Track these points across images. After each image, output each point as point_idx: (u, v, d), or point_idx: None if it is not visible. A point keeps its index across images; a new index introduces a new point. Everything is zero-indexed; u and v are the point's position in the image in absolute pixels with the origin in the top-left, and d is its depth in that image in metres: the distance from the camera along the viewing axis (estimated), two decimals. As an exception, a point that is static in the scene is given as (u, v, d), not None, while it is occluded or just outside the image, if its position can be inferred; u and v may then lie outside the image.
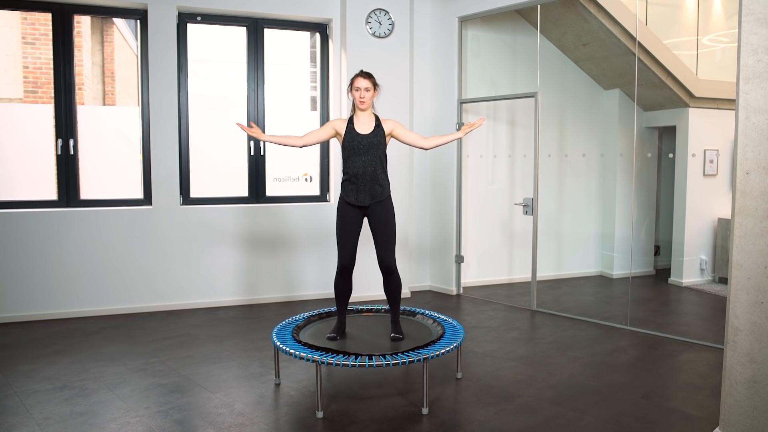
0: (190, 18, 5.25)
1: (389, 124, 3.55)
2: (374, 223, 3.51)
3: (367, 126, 3.50)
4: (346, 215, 3.51)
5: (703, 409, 3.13)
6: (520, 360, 3.93)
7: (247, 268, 5.41)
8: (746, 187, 2.37)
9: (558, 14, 5.76)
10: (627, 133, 6.33)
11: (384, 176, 3.52)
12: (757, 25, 2.32)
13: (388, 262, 3.50)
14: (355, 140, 3.46)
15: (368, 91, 3.48)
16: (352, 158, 3.46)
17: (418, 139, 3.59)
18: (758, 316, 2.36)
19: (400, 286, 3.60)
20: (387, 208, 3.51)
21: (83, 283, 4.95)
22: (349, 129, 3.48)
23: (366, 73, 3.51)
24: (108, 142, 5.18)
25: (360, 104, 3.48)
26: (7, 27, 6.82)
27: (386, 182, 3.53)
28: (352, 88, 3.50)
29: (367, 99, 3.47)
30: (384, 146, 3.52)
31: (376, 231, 3.51)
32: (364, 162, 3.45)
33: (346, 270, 3.54)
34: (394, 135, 3.57)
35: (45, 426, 2.92)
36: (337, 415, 3.07)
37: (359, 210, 3.51)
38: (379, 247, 3.51)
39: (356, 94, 3.48)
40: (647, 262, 6.54)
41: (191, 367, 3.77)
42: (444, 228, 5.91)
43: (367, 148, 3.45)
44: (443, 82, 5.85)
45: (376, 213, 3.49)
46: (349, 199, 3.49)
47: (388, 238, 3.50)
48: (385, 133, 3.51)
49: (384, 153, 3.53)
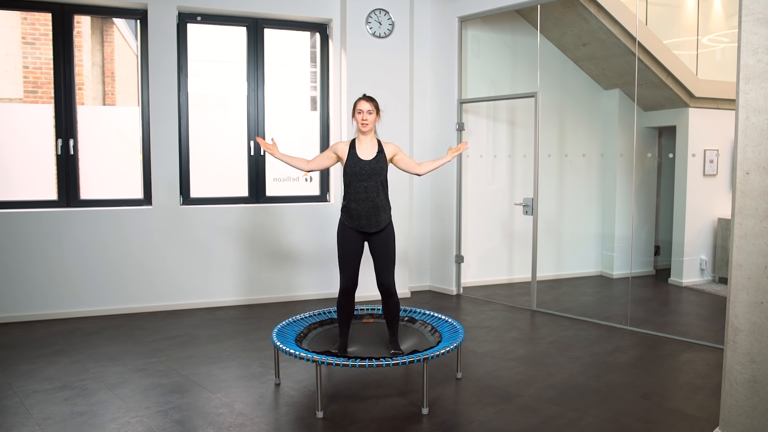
0: (190, 18, 5.25)
1: (390, 148, 3.56)
2: (375, 249, 3.53)
3: (369, 151, 3.50)
4: (347, 240, 3.52)
5: (703, 409, 3.13)
6: (520, 360, 3.93)
7: (247, 268, 5.41)
8: (746, 187, 2.38)
9: (558, 14, 5.76)
10: (627, 133, 6.33)
11: (386, 202, 3.53)
12: (757, 25, 2.32)
13: (387, 285, 3.52)
14: (357, 166, 3.46)
15: (371, 114, 3.48)
16: (354, 184, 3.47)
17: (413, 166, 3.63)
18: (758, 316, 2.36)
19: (399, 307, 3.65)
20: (388, 233, 3.53)
21: (83, 283, 4.95)
22: (351, 154, 3.49)
23: (368, 97, 3.53)
24: (108, 142, 5.18)
25: (362, 127, 3.49)
26: (7, 27, 6.82)
27: (388, 207, 3.55)
28: (354, 111, 3.51)
29: (369, 122, 3.48)
30: (386, 172, 3.53)
31: (377, 255, 3.53)
32: (367, 188, 3.45)
33: (349, 291, 3.56)
34: (394, 161, 3.59)
35: (45, 426, 2.92)
36: (337, 415, 3.07)
37: (360, 235, 3.52)
38: (378, 271, 3.53)
39: (359, 117, 3.49)
40: (647, 262, 6.54)
41: (191, 367, 3.77)
42: (444, 228, 5.91)
43: (369, 174, 3.46)
44: (443, 82, 5.85)
45: (377, 239, 3.52)
46: (350, 225, 3.50)
47: (388, 262, 3.52)
48: (387, 158, 3.54)
49: (386, 178, 3.55)
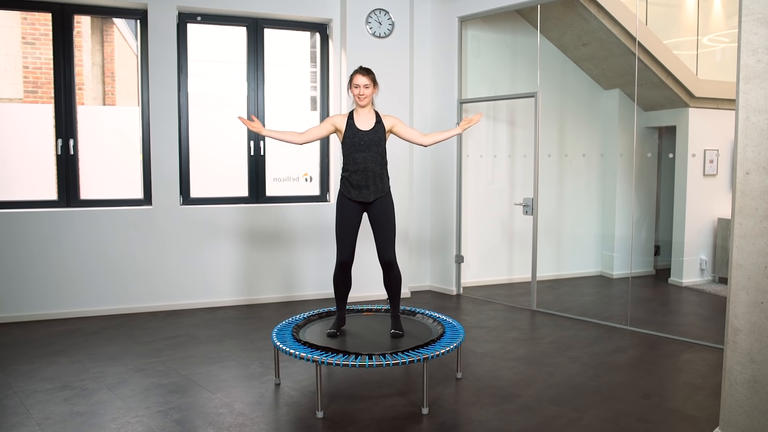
0: (190, 18, 5.25)
1: (389, 120, 3.56)
2: (374, 219, 3.51)
3: (367, 122, 3.51)
4: (346, 210, 3.51)
5: (703, 409, 3.13)
6: (520, 360, 3.93)
7: (247, 268, 5.41)
8: (746, 187, 2.37)
9: (558, 14, 5.76)
10: (627, 133, 6.33)
11: (384, 172, 3.53)
12: (757, 25, 2.32)
13: (388, 257, 3.50)
14: (356, 136, 3.47)
15: (367, 88, 3.48)
16: (352, 154, 3.47)
17: (417, 136, 3.60)
18: (758, 316, 2.36)
19: (401, 280, 3.61)
20: (387, 203, 3.52)
21: (83, 283, 4.95)
22: (350, 125, 3.49)
23: (365, 70, 3.50)
24: (108, 142, 5.18)
25: (359, 100, 3.48)
26: (7, 27, 6.81)
27: (386, 178, 3.55)
28: (351, 85, 3.51)
29: (366, 95, 3.48)
30: (384, 142, 3.53)
31: (376, 226, 3.51)
32: (365, 158, 3.46)
33: (346, 265, 3.54)
34: (394, 131, 3.58)
35: (45, 426, 2.92)
36: (337, 415, 3.07)
37: (359, 205, 3.52)
38: (379, 242, 3.51)
39: (355, 91, 3.48)
40: (647, 262, 6.54)
41: (191, 367, 3.77)
42: (444, 228, 5.91)
43: (368, 144, 3.46)
44: (443, 82, 5.85)
45: (376, 208, 3.50)
46: (349, 195, 3.49)
47: (388, 232, 3.50)
48: (385, 129, 3.53)
49: (384, 149, 3.54)
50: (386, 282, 3.60)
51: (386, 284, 3.61)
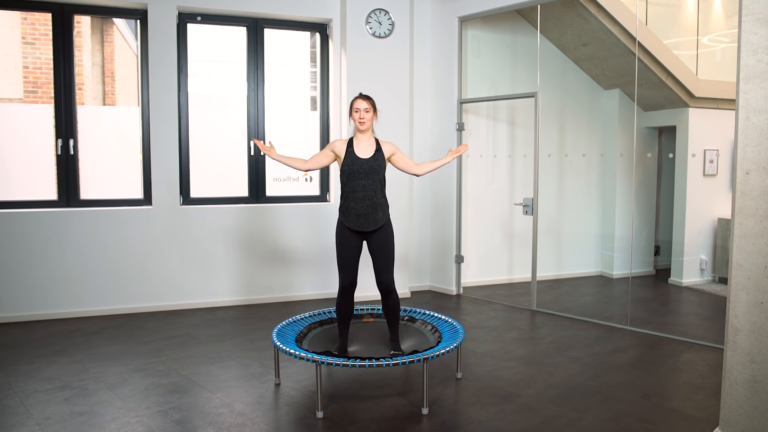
0: (190, 18, 5.25)
1: (388, 147, 3.56)
2: (373, 248, 3.53)
3: (367, 150, 3.50)
4: (346, 240, 3.52)
5: (703, 409, 3.13)
6: (520, 360, 3.93)
7: (246, 268, 5.41)
8: (746, 187, 2.37)
9: (558, 14, 5.76)
10: (627, 133, 6.33)
11: (384, 200, 3.53)
12: (757, 25, 2.32)
13: (386, 282, 3.52)
14: (355, 164, 3.46)
15: (368, 113, 3.49)
16: (351, 182, 3.47)
17: (412, 166, 3.62)
18: (758, 316, 2.36)
19: (399, 305, 3.64)
20: (386, 231, 3.53)
21: (83, 283, 4.95)
22: (349, 153, 3.49)
23: (365, 96, 3.54)
24: (108, 142, 5.18)
25: (360, 125, 3.49)
26: (7, 27, 6.81)
27: (386, 206, 3.55)
28: (351, 110, 3.52)
29: (366, 120, 3.48)
30: (384, 170, 3.53)
31: (376, 254, 3.53)
32: (365, 186, 3.45)
33: (348, 291, 3.56)
34: (392, 160, 3.59)
35: (45, 426, 2.92)
36: (337, 415, 3.07)
37: (359, 234, 3.52)
38: (377, 269, 3.52)
39: (356, 116, 3.49)
40: (647, 262, 6.54)
41: (191, 367, 3.77)
42: (444, 228, 5.90)
43: (367, 173, 3.46)
44: (443, 82, 5.85)
45: (375, 238, 3.51)
46: (348, 224, 3.49)
47: (387, 260, 3.52)
48: (385, 157, 3.53)
49: (383, 177, 3.55)
50: (385, 308, 3.62)
51: (385, 309, 3.62)
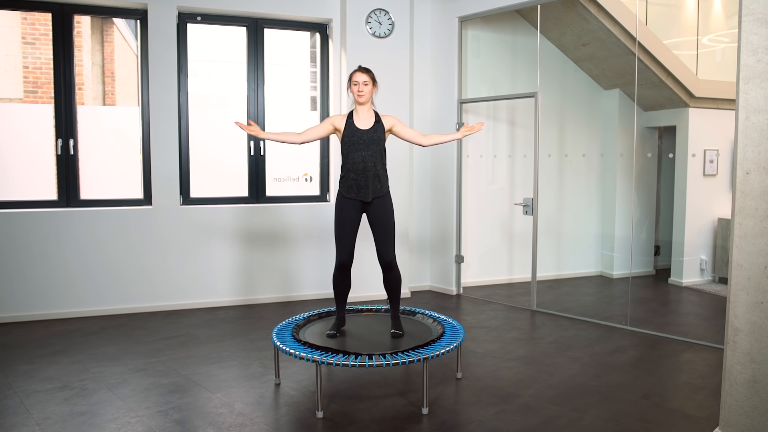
0: (190, 18, 5.25)
1: (389, 119, 3.57)
2: (373, 219, 3.51)
3: (366, 121, 3.51)
4: (345, 210, 3.50)
5: (703, 409, 3.13)
6: (520, 360, 3.93)
7: (247, 268, 5.41)
8: (746, 187, 2.37)
9: (558, 14, 5.76)
10: (627, 133, 6.33)
11: (384, 171, 3.53)
12: (757, 25, 2.32)
13: (388, 257, 3.50)
14: (355, 135, 3.47)
15: (366, 85, 3.49)
16: (351, 153, 3.47)
17: (416, 137, 3.60)
18: (758, 316, 2.36)
19: (400, 281, 3.61)
20: (386, 203, 3.52)
21: (83, 283, 4.95)
22: (349, 124, 3.49)
23: (364, 68, 3.53)
24: (108, 142, 5.18)
25: (359, 98, 3.49)
26: (7, 27, 6.81)
27: (386, 177, 3.55)
28: (350, 83, 3.52)
29: (365, 93, 3.48)
30: (384, 141, 3.53)
31: (376, 226, 3.51)
32: (364, 157, 3.45)
33: (345, 267, 3.54)
34: (394, 131, 3.58)
35: (45, 426, 2.92)
36: (337, 415, 3.07)
37: (358, 205, 3.51)
38: (378, 243, 3.51)
39: (354, 89, 3.50)
40: (647, 262, 6.54)
41: (191, 367, 3.77)
42: (444, 228, 5.90)
43: (367, 144, 3.46)
44: (443, 82, 5.85)
45: (375, 208, 3.50)
46: (348, 195, 3.49)
47: (387, 233, 3.50)
48: (384, 128, 3.53)
49: (384, 148, 3.54)
50: (386, 282, 3.60)
51: (386, 285, 3.61)
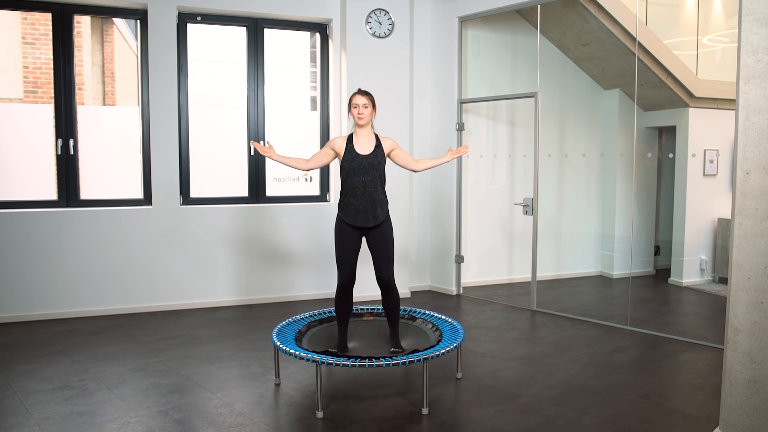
0: (190, 18, 5.25)
1: (388, 142, 3.57)
2: (373, 243, 3.52)
3: (366, 146, 3.51)
4: (345, 236, 3.51)
5: (703, 409, 3.13)
6: (520, 360, 3.93)
7: (246, 268, 5.41)
8: (746, 187, 2.37)
9: (558, 14, 5.76)
10: (627, 133, 6.33)
11: (383, 196, 3.53)
12: (757, 25, 2.32)
13: (387, 279, 3.51)
14: (355, 160, 3.46)
15: (366, 108, 3.49)
16: (351, 178, 3.47)
17: (410, 162, 3.63)
18: (758, 316, 2.36)
19: (399, 302, 3.63)
20: (386, 228, 3.52)
21: (83, 283, 4.95)
22: (349, 149, 3.49)
23: (364, 91, 3.55)
24: (108, 142, 5.18)
25: (358, 120, 3.49)
26: (7, 27, 6.82)
27: (386, 202, 3.55)
28: (350, 106, 3.53)
29: (365, 115, 3.49)
30: (383, 166, 3.53)
31: (375, 250, 3.52)
32: (364, 182, 3.45)
33: (347, 288, 3.55)
34: (391, 156, 3.60)
35: (45, 426, 2.92)
36: (337, 415, 3.07)
37: (358, 230, 3.51)
38: (377, 266, 3.52)
39: (354, 111, 3.50)
40: (647, 262, 6.54)
41: (191, 367, 3.77)
42: (444, 228, 5.90)
43: (366, 169, 3.46)
44: (443, 82, 5.85)
45: (375, 234, 3.51)
46: (348, 220, 3.49)
47: (386, 257, 3.51)
48: (384, 153, 3.54)
49: (383, 173, 3.55)
50: (385, 303, 3.60)
51: (385, 305, 3.61)
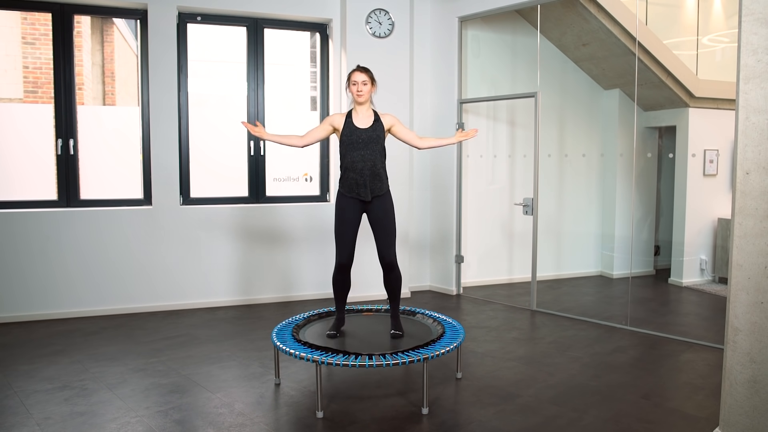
0: (190, 18, 5.25)
1: (388, 118, 3.56)
2: (374, 218, 3.50)
3: (365, 120, 3.50)
4: (345, 210, 3.49)
5: (703, 409, 3.13)
6: (520, 360, 3.93)
7: (246, 268, 5.41)
8: (746, 187, 2.37)
9: (558, 14, 5.76)
10: (627, 133, 6.33)
11: (383, 170, 3.52)
12: (757, 25, 2.32)
13: (389, 257, 3.49)
14: (354, 134, 3.46)
15: (365, 85, 3.48)
16: (350, 152, 3.46)
17: (413, 138, 3.60)
18: (758, 316, 2.36)
19: (401, 281, 3.60)
20: (386, 202, 3.51)
21: (83, 283, 4.95)
22: (348, 123, 3.49)
23: (363, 68, 3.52)
24: (108, 142, 5.18)
25: (357, 97, 3.48)
26: (7, 27, 6.82)
27: (385, 176, 3.53)
28: (349, 83, 3.52)
29: (364, 92, 3.48)
30: (383, 140, 3.52)
31: (376, 225, 3.50)
32: (363, 156, 3.44)
33: (344, 267, 3.53)
34: (392, 131, 3.58)
35: (45, 426, 2.92)
36: (337, 415, 3.07)
37: (358, 205, 3.50)
38: (379, 242, 3.50)
39: (353, 88, 3.49)
40: (647, 262, 6.54)
41: (191, 367, 3.77)
42: (444, 228, 5.90)
43: (366, 143, 3.45)
44: (443, 82, 5.85)
45: (375, 207, 3.49)
46: (348, 193, 3.48)
47: (388, 232, 3.49)
48: (384, 127, 3.53)
49: (383, 147, 3.53)
50: (386, 282, 3.59)
51: (386, 284, 3.60)
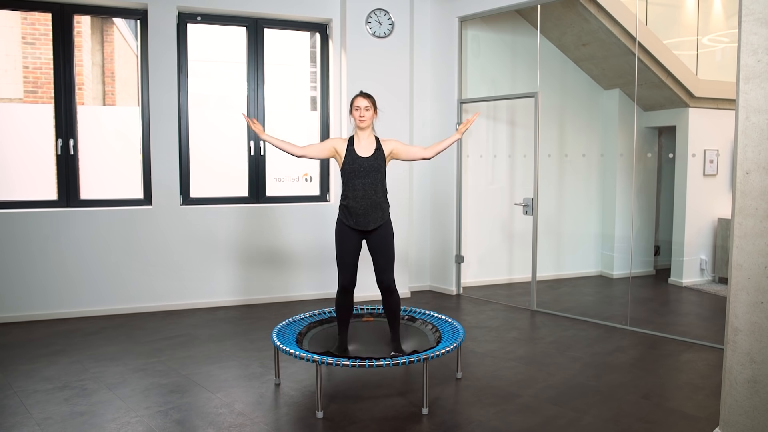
0: (190, 18, 5.25)
1: (389, 144, 3.54)
2: (373, 245, 3.51)
3: (367, 148, 3.49)
4: (345, 238, 3.50)
5: (703, 409, 3.13)
6: (520, 360, 3.93)
7: (246, 268, 5.41)
8: (746, 187, 2.37)
9: (558, 14, 5.76)
10: (627, 133, 6.33)
11: (384, 199, 3.52)
12: (757, 25, 2.32)
13: (387, 282, 3.51)
14: (356, 163, 3.45)
15: (368, 110, 3.48)
16: (351, 181, 3.45)
17: (419, 152, 3.58)
18: (758, 316, 2.36)
19: (400, 305, 3.62)
20: (386, 231, 3.51)
21: (83, 283, 4.95)
22: (350, 151, 3.47)
23: (366, 94, 3.53)
24: (108, 142, 5.18)
25: (360, 123, 3.48)
26: (7, 27, 6.82)
27: (386, 205, 3.53)
28: (352, 108, 3.51)
29: (366, 118, 3.47)
30: (384, 169, 3.52)
31: (376, 253, 3.51)
32: (365, 185, 3.44)
33: (347, 290, 3.55)
34: (395, 155, 3.56)
35: (45, 426, 2.92)
36: (337, 415, 3.07)
37: (358, 233, 3.51)
38: (377, 267, 3.51)
39: (356, 114, 3.48)
40: (647, 262, 6.54)
41: (191, 367, 3.77)
42: (444, 228, 5.90)
43: (367, 171, 3.45)
44: (443, 82, 5.85)
45: (375, 236, 3.50)
46: (348, 223, 3.48)
47: (387, 260, 3.50)
48: (385, 155, 3.51)
49: (384, 176, 3.53)
50: (386, 306, 3.60)
51: (386, 308, 3.60)
